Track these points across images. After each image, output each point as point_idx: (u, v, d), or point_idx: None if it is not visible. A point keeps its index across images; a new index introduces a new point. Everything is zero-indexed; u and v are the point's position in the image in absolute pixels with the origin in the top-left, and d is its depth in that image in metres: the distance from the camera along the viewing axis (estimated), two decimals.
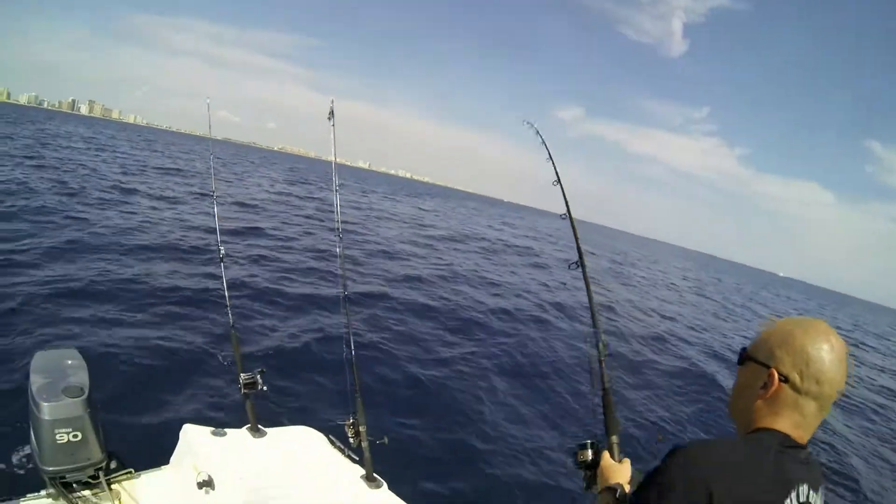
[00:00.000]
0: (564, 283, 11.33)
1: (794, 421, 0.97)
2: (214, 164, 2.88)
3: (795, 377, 0.96)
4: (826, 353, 0.95)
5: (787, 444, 0.97)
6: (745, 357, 1.06)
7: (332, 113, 2.23)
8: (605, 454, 1.32)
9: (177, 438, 1.97)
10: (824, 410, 0.98)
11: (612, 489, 1.20)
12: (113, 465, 1.66)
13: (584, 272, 1.59)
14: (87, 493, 1.60)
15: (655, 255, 52.59)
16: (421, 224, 20.83)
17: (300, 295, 6.78)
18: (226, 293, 2.23)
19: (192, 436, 1.92)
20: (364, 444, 1.81)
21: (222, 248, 2.27)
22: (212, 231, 2.48)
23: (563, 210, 1.71)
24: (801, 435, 0.98)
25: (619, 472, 1.26)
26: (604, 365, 1.46)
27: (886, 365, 14.10)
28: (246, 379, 1.96)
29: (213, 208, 2.49)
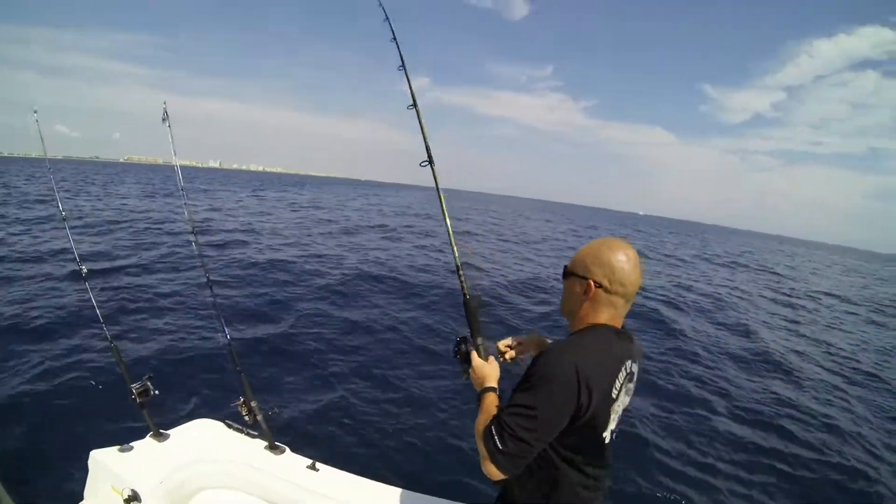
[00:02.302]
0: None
1: (611, 314, 1.29)
2: (53, 186, 2.66)
3: (606, 283, 1.27)
4: (625, 262, 1.27)
5: (614, 332, 1.29)
6: (567, 273, 1.36)
7: (165, 114, 2.21)
8: (474, 354, 1.48)
9: (87, 470, 1.97)
10: (629, 303, 1.32)
11: (492, 389, 1.38)
12: None
13: (442, 207, 1.66)
14: None
15: (520, 212, 57.71)
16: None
17: (170, 293, 6.78)
18: (97, 311, 2.23)
19: (101, 459, 1.94)
20: (259, 418, 2.00)
21: (83, 266, 2.24)
22: (68, 252, 2.43)
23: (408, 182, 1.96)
24: (618, 322, 1.31)
25: (492, 373, 1.43)
26: (462, 276, 1.61)
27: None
28: (138, 388, 1.99)
29: (66, 230, 2.42)
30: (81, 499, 1.96)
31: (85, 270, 2.26)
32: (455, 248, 1.65)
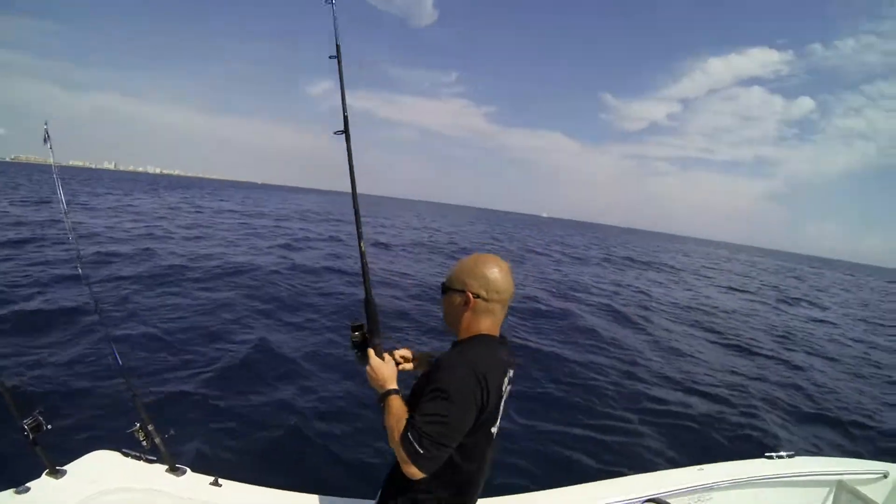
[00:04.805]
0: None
1: (492, 321, 1.45)
2: None
3: (484, 293, 1.42)
4: (497, 273, 1.43)
5: (499, 340, 1.45)
6: (445, 288, 1.49)
7: (47, 135, 2.07)
8: (372, 352, 1.56)
9: None
10: (506, 308, 1.47)
11: (396, 391, 1.46)
12: None
13: (353, 189, 1.70)
14: None
15: (416, 214, 60.10)
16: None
17: (53, 315, 6.26)
18: None
19: None
20: (157, 441, 2.02)
21: None
22: None
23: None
24: (497, 329, 1.47)
25: (391, 374, 1.51)
26: (368, 274, 1.69)
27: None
28: (30, 424, 1.88)
29: None
30: None
31: None
32: (362, 245, 1.70)
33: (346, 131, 1.71)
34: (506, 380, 1.43)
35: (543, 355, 7.21)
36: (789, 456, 2.63)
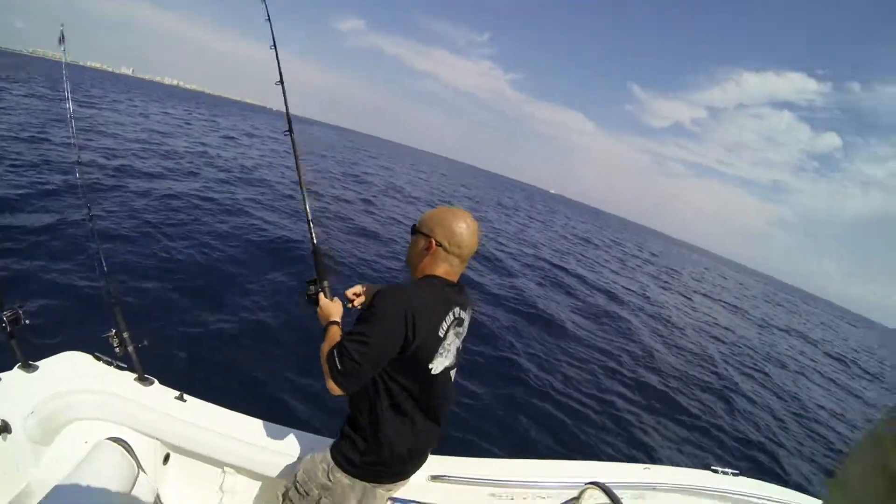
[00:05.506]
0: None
1: (446, 269, 1.52)
2: None
3: (446, 243, 1.49)
4: (464, 229, 1.49)
5: (446, 283, 1.51)
6: (414, 230, 1.57)
7: (62, 36, 2.09)
8: (321, 295, 1.71)
9: None
10: (465, 263, 1.55)
11: (336, 322, 1.60)
12: None
13: (293, 145, 2.01)
14: None
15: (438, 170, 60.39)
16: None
17: (47, 224, 6.24)
18: None
19: None
20: (130, 349, 2.06)
21: None
22: None
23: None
24: (453, 277, 1.53)
25: (337, 310, 1.65)
26: (311, 224, 1.86)
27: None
28: (9, 316, 1.91)
29: None
30: None
31: None
32: (305, 197, 1.91)
33: (281, 83, 2.04)
34: (449, 318, 1.47)
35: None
36: (734, 474, 2.68)
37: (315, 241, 1.83)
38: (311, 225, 1.86)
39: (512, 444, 4.28)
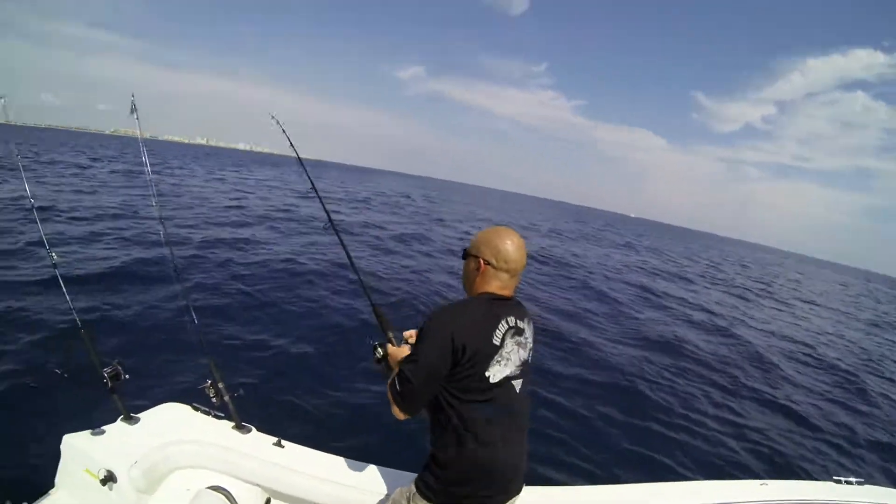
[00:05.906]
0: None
1: (498, 285, 1.56)
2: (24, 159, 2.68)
3: (493, 261, 1.54)
4: (509, 245, 1.54)
5: (494, 297, 1.55)
6: (465, 253, 1.63)
7: (133, 107, 2.35)
8: (389, 346, 1.84)
9: (58, 457, 1.99)
10: (515, 278, 1.58)
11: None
12: None
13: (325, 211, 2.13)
14: None
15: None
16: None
17: (138, 276, 6.73)
18: (66, 295, 2.26)
19: (74, 443, 1.98)
20: (226, 399, 2.10)
21: (54, 253, 2.28)
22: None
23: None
24: (507, 292, 1.57)
25: (404, 352, 1.72)
26: (367, 289, 2.08)
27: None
28: (109, 372, 2.04)
29: (34, 215, 2.44)
30: (52, 486, 1.99)
31: (55, 257, 2.29)
32: (353, 262, 2.14)
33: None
34: (503, 325, 1.49)
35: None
36: (858, 483, 2.41)
37: (372, 301, 2.02)
38: (365, 286, 2.12)
39: (609, 466, 3.99)
